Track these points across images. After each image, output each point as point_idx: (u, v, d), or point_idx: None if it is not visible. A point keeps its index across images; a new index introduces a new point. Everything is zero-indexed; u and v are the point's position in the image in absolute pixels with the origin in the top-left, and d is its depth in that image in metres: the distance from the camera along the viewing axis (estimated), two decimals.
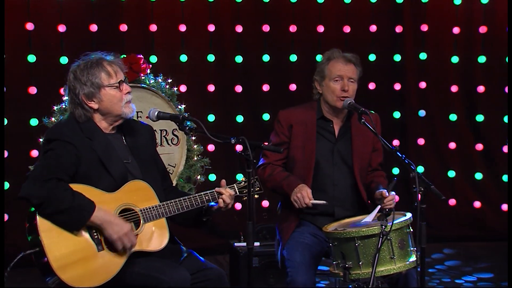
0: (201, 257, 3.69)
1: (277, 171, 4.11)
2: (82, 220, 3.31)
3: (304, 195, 3.89)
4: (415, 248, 3.51)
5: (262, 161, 4.19)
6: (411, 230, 3.55)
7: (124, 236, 3.35)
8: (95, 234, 3.38)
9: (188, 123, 3.60)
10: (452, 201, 7.12)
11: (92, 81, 3.49)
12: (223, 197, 3.61)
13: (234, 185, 3.70)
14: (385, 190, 3.87)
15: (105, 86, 3.51)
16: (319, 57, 6.66)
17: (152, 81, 5.20)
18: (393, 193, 3.87)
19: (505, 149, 6.88)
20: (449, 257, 6.49)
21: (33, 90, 6.10)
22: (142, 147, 3.66)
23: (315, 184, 4.07)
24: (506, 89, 7.08)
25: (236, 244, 5.31)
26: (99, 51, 3.65)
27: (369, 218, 3.72)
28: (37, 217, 3.30)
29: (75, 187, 3.36)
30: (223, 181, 3.67)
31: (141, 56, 5.15)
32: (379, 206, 3.77)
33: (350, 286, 4.01)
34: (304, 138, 4.12)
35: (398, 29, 7.08)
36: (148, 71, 5.19)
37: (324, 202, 3.91)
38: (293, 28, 6.83)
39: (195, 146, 5.40)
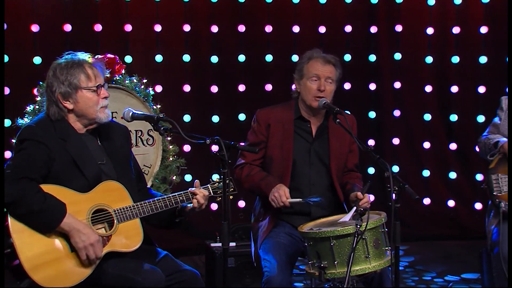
0: (176, 259, 3.68)
1: (255, 171, 4.11)
2: (52, 225, 3.30)
3: (281, 193, 3.89)
4: (389, 247, 3.52)
5: (240, 161, 4.18)
6: (386, 229, 3.57)
7: (89, 246, 3.32)
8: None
9: (163, 124, 3.59)
10: (427, 200, 7.18)
11: (70, 81, 3.47)
12: (197, 197, 3.60)
13: (208, 185, 3.69)
14: (360, 192, 3.89)
15: (82, 88, 3.48)
16: (295, 57, 6.73)
17: (127, 82, 5.17)
18: (369, 195, 3.90)
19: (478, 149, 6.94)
20: (423, 256, 6.53)
21: (5, 90, 6.03)
22: (117, 148, 3.64)
23: (292, 184, 4.07)
24: (479, 89, 7.16)
25: (212, 244, 5.29)
26: (83, 51, 3.63)
27: (345, 218, 3.73)
28: (9, 218, 3.27)
29: (48, 187, 3.33)
30: (197, 182, 3.66)
31: (116, 56, 5.11)
32: (355, 207, 3.78)
33: (326, 285, 4.04)
34: (281, 137, 4.12)
35: (373, 29, 7.12)
36: (123, 71, 5.16)
37: (300, 199, 3.92)
38: (268, 28, 6.84)
39: (170, 147, 5.37)
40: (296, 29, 6.90)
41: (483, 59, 7.16)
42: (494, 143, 4.10)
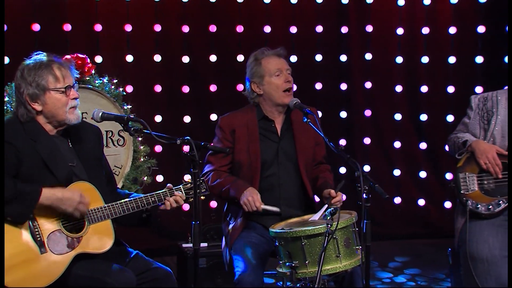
0: (148, 258, 3.66)
1: (224, 177, 4.10)
2: (32, 203, 3.28)
3: (255, 198, 3.89)
4: (360, 246, 3.54)
5: (208, 168, 4.16)
6: (357, 228, 3.59)
7: (78, 205, 3.36)
8: (37, 236, 3.33)
9: (133, 124, 3.57)
10: (398, 199, 7.24)
11: (38, 83, 3.43)
12: (171, 201, 3.59)
13: (181, 186, 3.68)
14: (333, 190, 3.90)
15: (51, 89, 3.45)
16: None
17: (97, 82, 5.13)
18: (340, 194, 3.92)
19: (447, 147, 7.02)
20: (394, 255, 6.58)
21: None
22: (88, 150, 3.62)
23: (262, 185, 4.07)
24: (448, 89, 7.24)
25: (183, 245, 5.28)
26: (52, 51, 3.59)
27: (315, 216, 3.75)
28: None
29: None
30: (170, 186, 3.65)
31: (86, 56, 5.07)
32: (326, 205, 3.80)
33: (297, 285, 4.05)
34: (247, 140, 4.12)
35: (344, 29, 7.16)
36: (93, 72, 5.11)
37: (276, 209, 3.93)
38: (240, 28, 6.84)
39: (141, 147, 5.34)
40: (267, 29, 6.91)
41: (451, 59, 7.24)
42: (462, 142, 4.15)
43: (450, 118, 7.16)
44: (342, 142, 7.06)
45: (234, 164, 4.14)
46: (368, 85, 7.25)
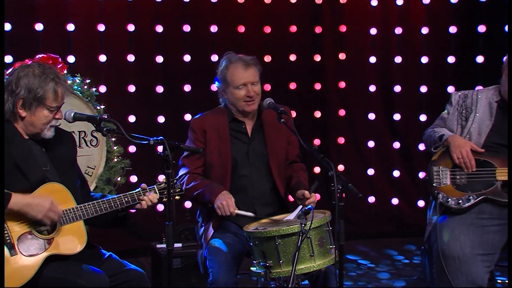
0: (121, 259, 3.64)
1: (198, 180, 4.09)
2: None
3: (229, 203, 3.90)
4: (334, 246, 3.56)
5: (182, 171, 4.16)
6: (330, 228, 3.60)
7: (48, 212, 3.32)
8: (7, 238, 3.30)
9: (106, 124, 3.55)
10: (371, 199, 7.28)
11: (38, 94, 3.42)
12: (145, 201, 3.57)
13: (155, 186, 3.66)
14: (307, 191, 3.92)
15: (46, 105, 3.44)
16: None
17: (69, 82, 5.08)
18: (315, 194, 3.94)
19: (421, 146, 7.09)
20: (368, 253, 6.62)
21: None
22: (61, 155, 3.60)
23: (234, 186, 4.08)
24: (421, 88, 7.30)
25: (157, 245, 5.26)
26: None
27: (291, 216, 3.76)
28: None
29: None
30: (144, 185, 3.63)
31: (58, 56, 5.02)
32: (300, 206, 3.82)
33: (272, 284, 4.05)
34: (218, 142, 4.12)
35: (318, 29, 7.18)
36: (66, 72, 5.07)
37: (251, 214, 3.93)
38: (214, 28, 6.83)
39: (115, 148, 5.31)
40: (241, 29, 6.91)
41: (424, 59, 7.31)
42: (439, 136, 4.18)
43: (423, 117, 7.22)
44: (317, 141, 7.09)
45: (205, 165, 4.14)
46: (342, 85, 7.28)
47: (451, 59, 7.27)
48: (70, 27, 6.31)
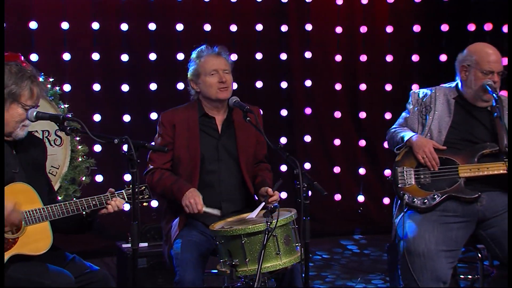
0: (85, 261, 3.61)
1: (166, 175, 4.07)
2: None
3: (197, 201, 3.89)
4: (300, 243, 3.57)
5: (150, 167, 4.13)
6: (296, 226, 3.61)
7: (9, 216, 3.29)
8: None
9: (70, 123, 3.51)
10: (338, 196, 7.33)
11: (12, 90, 3.39)
12: (112, 205, 3.55)
13: (123, 191, 3.64)
14: (271, 189, 3.93)
15: (20, 102, 3.40)
16: None
17: None
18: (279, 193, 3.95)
19: (386, 144, 7.14)
20: (334, 250, 6.66)
21: None
22: (32, 159, 3.57)
23: (202, 182, 4.06)
24: (386, 87, 7.38)
25: (123, 245, 5.22)
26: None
27: (253, 214, 3.76)
28: None
29: None
30: (111, 190, 3.60)
31: (20, 54, 4.95)
32: (263, 203, 3.82)
33: (238, 283, 4.05)
34: (187, 137, 4.11)
35: (284, 28, 7.21)
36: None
37: (217, 212, 3.91)
38: (180, 27, 6.80)
39: (79, 147, 5.26)
40: (207, 27, 6.90)
41: (389, 58, 7.38)
42: (401, 136, 4.23)
43: (388, 115, 7.30)
44: (283, 140, 7.11)
45: (174, 160, 4.12)
46: (308, 83, 7.32)
47: (415, 58, 7.37)
48: (33, 24, 6.23)
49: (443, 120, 4.19)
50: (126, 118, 6.68)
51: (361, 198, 7.40)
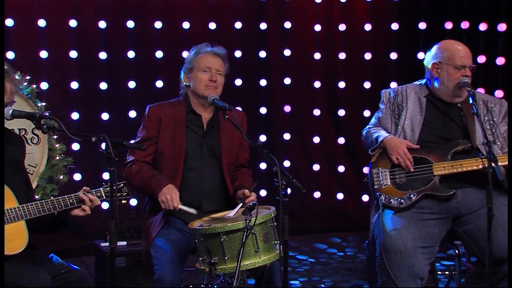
0: (63, 260, 3.58)
1: (145, 169, 4.06)
2: None
3: (173, 198, 3.88)
4: (279, 241, 3.58)
5: (130, 158, 4.12)
6: (275, 223, 3.62)
7: None
8: None
9: (48, 122, 3.48)
10: (317, 194, 7.35)
11: None
12: (91, 199, 3.53)
13: (101, 189, 3.62)
14: (247, 190, 3.93)
15: None
16: (185, 54, 6.70)
17: None
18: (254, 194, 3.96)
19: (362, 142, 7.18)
20: (313, 248, 6.68)
21: None
22: (8, 156, 3.52)
23: (184, 178, 4.06)
24: (365, 84, 7.41)
25: (101, 244, 5.19)
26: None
27: (230, 214, 3.76)
28: None
29: None
30: (86, 189, 3.58)
31: None
32: (241, 204, 3.83)
33: (217, 281, 4.05)
34: (173, 132, 4.10)
35: (263, 26, 7.21)
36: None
37: (193, 211, 3.91)
38: (158, 24, 6.78)
39: (57, 145, 5.22)
40: (186, 25, 6.88)
41: (367, 56, 7.42)
42: (375, 138, 4.26)
43: (366, 113, 7.33)
44: (262, 138, 7.12)
45: (157, 154, 4.11)
46: (287, 81, 7.33)
47: (393, 56, 7.42)
48: (9, 22, 6.17)
49: (415, 118, 4.22)
50: (105, 116, 6.64)
51: (340, 196, 7.43)
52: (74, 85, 6.51)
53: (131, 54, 6.71)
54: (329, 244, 6.80)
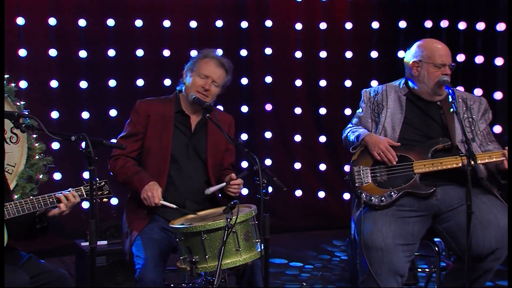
0: (43, 260, 3.56)
1: (129, 165, 4.06)
2: None
3: (154, 194, 3.87)
4: (260, 239, 3.58)
5: (115, 152, 4.11)
6: (256, 222, 3.62)
7: None
8: None
9: (27, 120, 3.45)
10: (299, 192, 7.36)
11: None
12: (64, 203, 3.50)
13: (81, 187, 3.60)
14: (234, 174, 3.95)
15: None
16: (166, 52, 6.71)
17: None
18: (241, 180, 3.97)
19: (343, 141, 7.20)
20: (295, 246, 6.69)
21: None
22: None
23: (169, 177, 4.05)
24: (346, 83, 7.43)
25: (82, 243, 5.16)
26: None
27: (209, 190, 3.86)
28: None
29: None
30: (69, 190, 3.56)
31: None
32: (224, 183, 3.84)
33: (198, 280, 4.04)
34: (160, 129, 4.10)
35: (244, 24, 7.20)
36: None
37: (173, 206, 3.90)
38: (139, 23, 6.76)
39: (36, 145, 5.18)
40: (167, 23, 6.85)
41: (348, 54, 7.44)
42: (356, 136, 4.28)
43: (348, 111, 7.36)
44: (244, 136, 7.11)
45: (143, 150, 4.11)
46: (269, 79, 7.33)
47: (374, 54, 7.44)
48: None
49: (396, 117, 4.24)
50: (85, 115, 6.60)
51: (321, 194, 7.45)
52: (54, 83, 6.46)
53: (111, 52, 6.67)
54: (311, 242, 6.81)
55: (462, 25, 7.21)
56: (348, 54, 7.44)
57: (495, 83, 7.21)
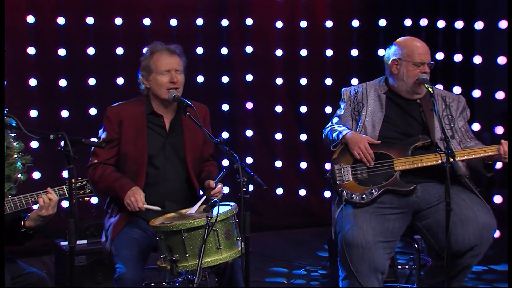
0: (22, 260, 3.52)
1: (108, 172, 4.01)
2: None
3: (137, 199, 3.85)
4: (240, 238, 3.57)
5: (93, 161, 4.06)
6: (237, 220, 3.61)
7: None
8: None
9: (4, 119, 3.42)
10: (280, 190, 7.37)
11: None
12: (49, 196, 3.48)
13: (64, 187, 3.57)
14: (212, 181, 3.92)
15: None
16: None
17: None
18: (221, 185, 3.94)
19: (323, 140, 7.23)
20: (276, 244, 6.70)
21: None
22: None
23: (148, 179, 4.02)
24: (326, 81, 7.45)
25: (61, 243, 5.13)
26: None
27: (192, 210, 3.75)
28: None
29: None
30: (48, 189, 3.53)
31: None
32: (204, 197, 3.82)
33: (179, 279, 4.03)
34: (134, 133, 4.05)
35: (224, 22, 7.19)
36: None
37: (158, 208, 3.88)
38: (118, 21, 6.73)
39: (15, 143, 5.11)
40: (147, 21, 6.83)
41: (329, 52, 7.46)
42: (336, 134, 4.29)
43: (328, 109, 7.38)
44: (225, 134, 7.10)
45: (120, 156, 4.06)
46: (249, 77, 7.33)
47: (354, 52, 7.47)
48: None
49: (376, 115, 4.26)
50: (64, 113, 6.55)
51: (302, 192, 7.46)
52: (33, 82, 6.41)
53: (91, 50, 6.63)
54: (292, 240, 6.83)
55: (441, 24, 7.26)
56: (329, 52, 7.46)
57: (473, 81, 7.28)
